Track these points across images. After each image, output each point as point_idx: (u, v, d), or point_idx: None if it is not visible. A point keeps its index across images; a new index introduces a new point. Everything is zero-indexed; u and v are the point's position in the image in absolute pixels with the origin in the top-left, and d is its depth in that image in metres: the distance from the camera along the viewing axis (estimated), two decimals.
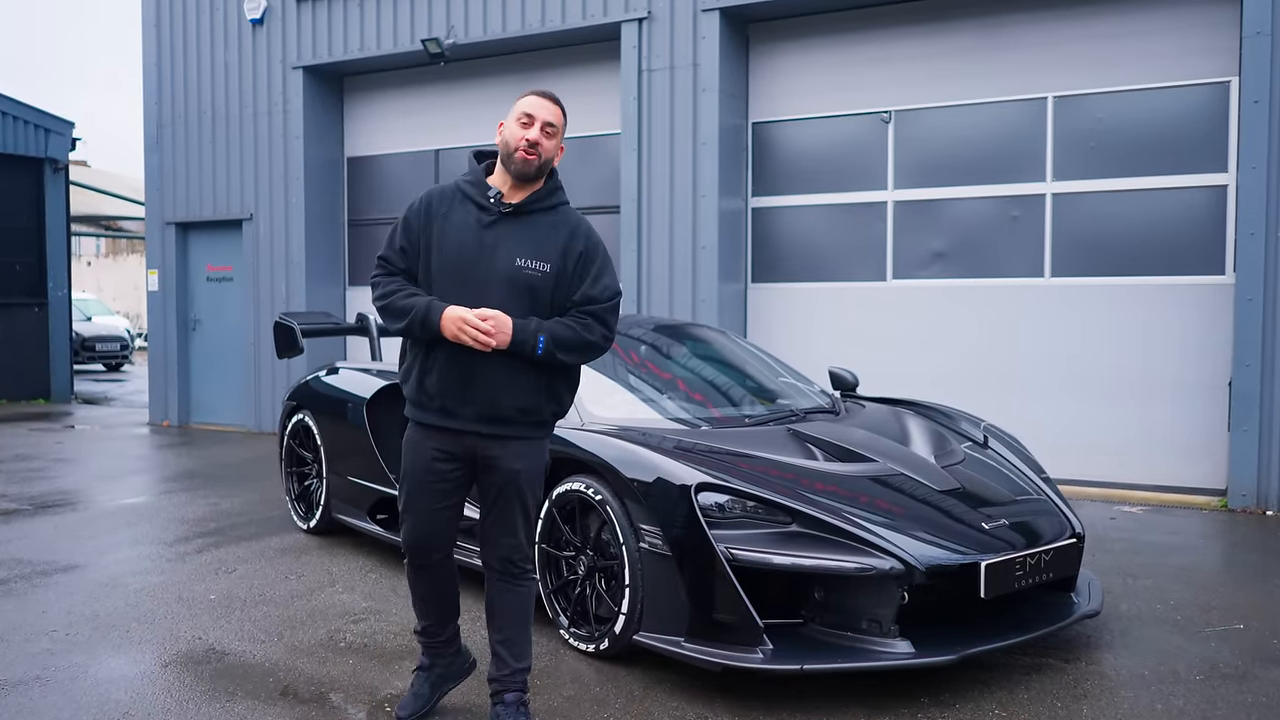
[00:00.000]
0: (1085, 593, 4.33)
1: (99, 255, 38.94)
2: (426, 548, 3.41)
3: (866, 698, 3.69)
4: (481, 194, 3.32)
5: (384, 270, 3.38)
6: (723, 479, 3.90)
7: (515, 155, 3.27)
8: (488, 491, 3.37)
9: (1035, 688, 3.79)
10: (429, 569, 3.45)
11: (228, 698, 3.78)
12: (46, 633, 4.54)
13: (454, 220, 3.31)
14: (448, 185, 3.42)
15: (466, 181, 3.38)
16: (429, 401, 3.31)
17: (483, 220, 3.30)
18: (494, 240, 3.29)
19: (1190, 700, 3.68)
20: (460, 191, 3.36)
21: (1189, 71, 7.59)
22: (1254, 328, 7.05)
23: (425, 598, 3.50)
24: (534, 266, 3.27)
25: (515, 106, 3.34)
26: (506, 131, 3.31)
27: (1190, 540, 6.22)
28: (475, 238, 3.29)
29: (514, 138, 3.28)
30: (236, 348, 11.71)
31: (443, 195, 3.38)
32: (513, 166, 3.28)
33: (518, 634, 3.40)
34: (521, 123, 3.29)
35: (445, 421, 3.30)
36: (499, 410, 3.28)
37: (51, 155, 14.91)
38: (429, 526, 3.39)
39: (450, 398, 3.28)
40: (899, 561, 3.64)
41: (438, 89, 10.78)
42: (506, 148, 3.30)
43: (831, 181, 8.91)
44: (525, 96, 3.35)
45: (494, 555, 3.40)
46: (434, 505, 3.36)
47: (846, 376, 5.76)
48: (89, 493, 7.91)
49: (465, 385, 3.26)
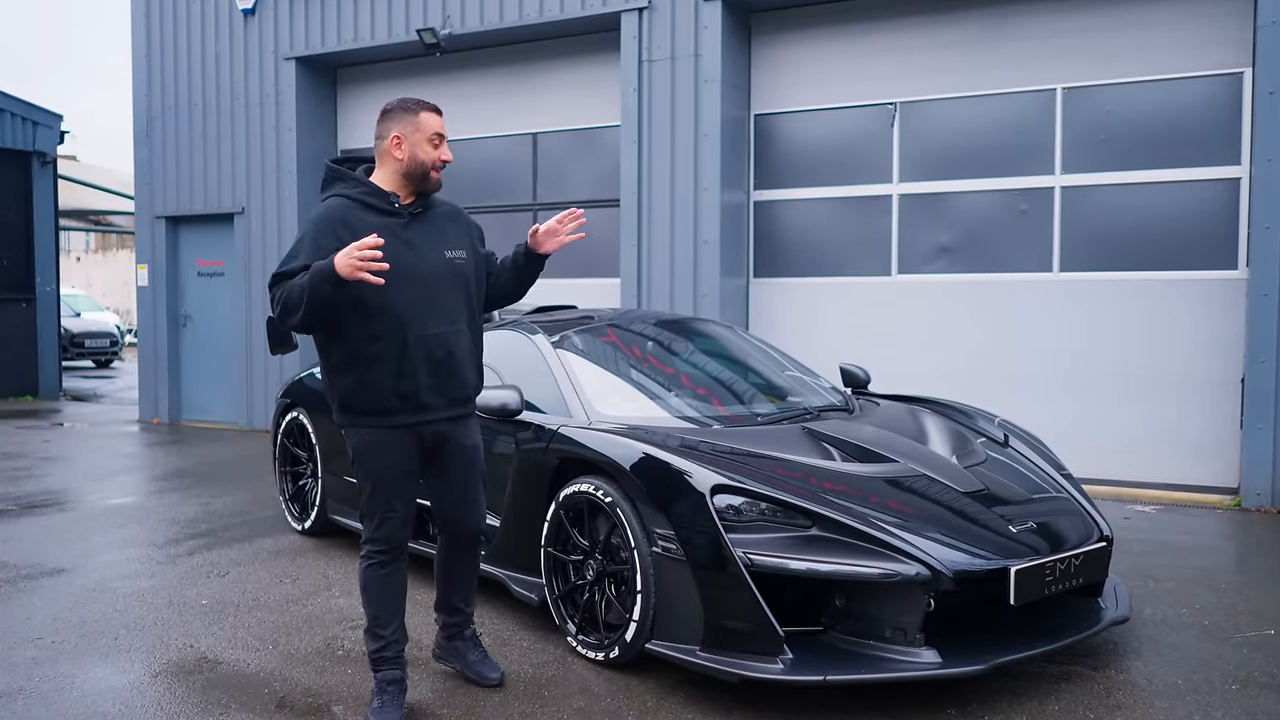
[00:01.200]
0: (1112, 597, 4.18)
1: (88, 250, 38.62)
2: (403, 542, 3.58)
3: (890, 708, 3.53)
4: (385, 201, 3.45)
5: (282, 282, 3.37)
6: (739, 480, 3.74)
7: (431, 174, 3.47)
8: (450, 471, 3.58)
9: (1066, 698, 3.64)
10: (400, 562, 3.59)
11: (221, 710, 3.61)
12: (31, 640, 4.36)
13: (370, 230, 3.33)
14: (336, 202, 3.45)
15: (361, 193, 3.45)
16: (402, 404, 3.41)
17: (397, 224, 3.43)
18: (416, 239, 3.46)
19: (1229, 712, 3.52)
20: (359, 203, 3.43)
21: (1201, 62, 7.43)
22: (1269, 323, 6.90)
23: (390, 593, 3.57)
24: (457, 255, 3.54)
25: (419, 124, 3.45)
26: (417, 150, 3.44)
27: (1208, 540, 6.08)
28: (400, 240, 3.40)
29: (429, 158, 3.46)
30: (228, 344, 11.50)
31: (343, 210, 3.42)
32: (425, 184, 3.47)
33: (470, 587, 3.81)
34: (434, 143, 3.47)
35: (421, 416, 3.44)
36: (466, 392, 3.55)
37: (39, 149, 14.67)
38: (409, 516, 3.56)
39: (426, 392, 3.42)
40: (925, 567, 3.48)
41: (433, 80, 10.57)
42: (419, 165, 3.45)
43: (835, 174, 8.74)
44: (426, 113, 3.48)
45: (463, 530, 3.64)
46: (411, 497, 3.55)
47: (858, 373, 5.60)
48: (77, 493, 7.72)
49: (443, 376, 3.44)
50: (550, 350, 4.87)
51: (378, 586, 3.54)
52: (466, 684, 3.82)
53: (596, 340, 5.21)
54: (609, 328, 5.35)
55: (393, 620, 3.56)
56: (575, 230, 3.63)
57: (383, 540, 3.52)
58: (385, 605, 3.55)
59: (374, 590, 3.55)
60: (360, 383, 3.38)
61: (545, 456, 4.32)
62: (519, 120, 10.13)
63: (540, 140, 10.08)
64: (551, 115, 9.98)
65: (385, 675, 3.54)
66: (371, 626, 3.56)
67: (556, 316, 5.46)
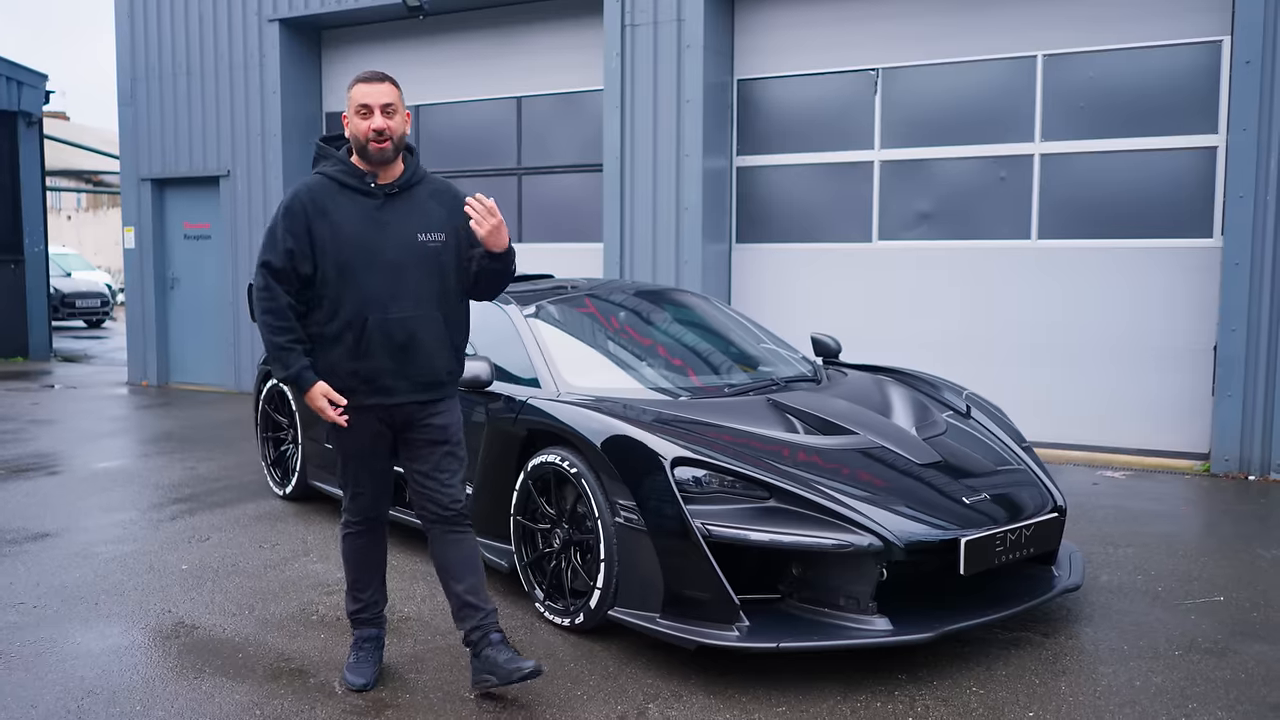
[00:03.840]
0: (1066, 565, 4.29)
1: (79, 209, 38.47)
2: (379, 511, 3.65)
3: (843, 673, 3.65)
4: (361, 181, 3.42)
5: (269, 277, 3.38)
6: (700, 453, 3.83)
7: (369, 147, 3.38)
8: (422, 450, 3.53)
9: (1014, 663, 3.76)
10: (378, 529, 3.66)
11: (195, 674, 3.72)
12: (14, 605, 4.46)
13: (343, 211, 3.39)
14: (314, 180, 3.45)
15: (339, 171, 3.43)
16: (363, 386, 3.42)
17: (371, 205, 3.41)
18: (389, 221, 3.42)
19: (1170, 677, 3.65)
20: (335, 182, 3.42)
21: (1181, 30, 7.44)
22: (1240, 292, 6.98)
23: (369, 562, 3.66)
24: (432, 238, 3.46)
25: (351, 97, 3.42)
26: (352, 125, 3.41)
27: (1173, 507, 6.20)
28: (372, 222, 3.40)
29: (360, 131, 3.39)
30: (215, 307, 11.55)
31: (319, 189, 3.41)
32: (371, 156, 3.39)
33: (478, 579, 3.57)
34: (361, 114, 3.39)
35: (382, 399, 3.44)
36: (435, 376, 3.50)
37: (25, 109, 14.62)
38: (381, 491, 3.63)
39: (388, 376, 3.42)
40: (877, 538, 3.58)
41: (418, 44, 10.54)
42: (357, 140, 3.40)
43: (818, 140, 8.76)
44: (355, 86, 3.44)
45: (438, 507, 3.54)
46: (383, 471, 3.59)
47: (829, 343, 5.67)
48: (64, 456, 7.81)
49: (404, 360, 3.42)
50: (522, 321, 4.94)
51: (356, 555, 3.66)
52: (437, 649, 3.93)
53: (571, 311, 5.28)
54: (587, 298, 5.41)
55: (370, 584, 3.67)
56: (485, 213, 3.34)
57: (358, 513, 3.61)
58: (364, 571, 3.67)
59: (353, 559, 3.67)
60: (325, 361, 3.41)
61: (514, 427, 4.41)
62: (503, 84, 10.11)
63: (524, 104, 10.07)
64: (535, 79, 9.96)
65: (363, 633, 3.68)
66: (351, 589, 3.68)
67: (532, 287, 5.52)
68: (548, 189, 9.97)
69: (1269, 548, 5.24)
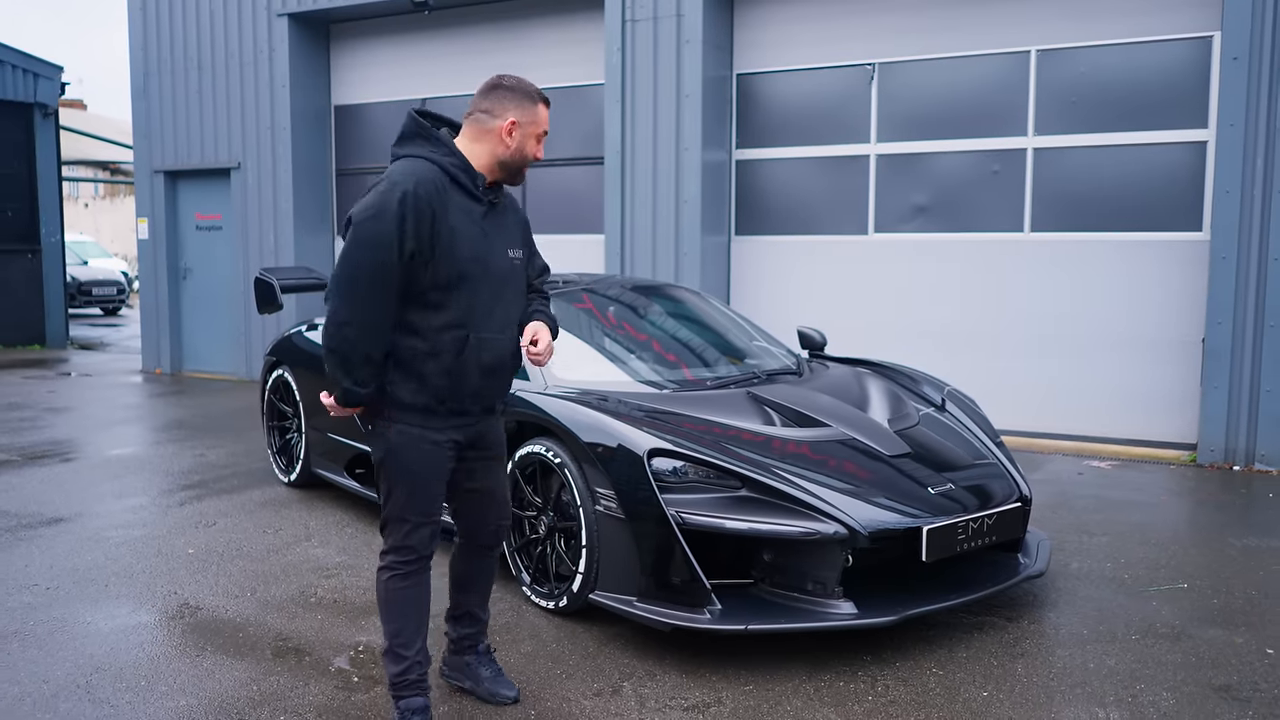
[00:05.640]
0: (1033, 553, 4.45)
1: (97, 197, 38.85)
2: (431, 553, 3.25)
3: (811, 654, 3.83)
4: (473, 183, 3.11)
5: (379, 280, 2.97)
6: (676, 444, 4.00)
7: (523, 170, 3.19)
8: (480, 470, 3.33)
9: (975, 646, 3.93)
10: (424, 573, 3.24)
11: (197, 653, 3.93)
12: (29, 586, 4.69)
13: (458, 212, 3.06)
14: (430, 171, 3.05)
15: (455, 166, 3.09)
16: (440, 406, 3.12)
17: (477, 211, 3.12)
18: (489, 231, 3.15)
19: (1122, 659, 3.81)
20: (449, 177, 3.07)
21: (1173, 25, 7.54)
22: (1227, 286, 7.10)
23: (418, 607, 3.24)
24: (517, 256, 3.27)
25: (536, 117, 3.16)
26: (526, 143, 3.15)
27: (1154, 496, 6.34)
28: (480, 231, 3.12)
29: (531, 152, 3.17)
30: (227, 296, 11.79)
31: (436, 184, 3.03)
32: (515, 179, 3.18)
33: (488, 591, 3.54)
34: (539, 139, 3.18)
35: (459, 420, 3.19)
36: (505, 399, 3.40)
37: (41, 100, 14.86)
38: (438, 528, 3.25)
39: (470, 399, 3.17)
40: (843, 526, 3.75)
41: (423, 37, 10.71)
42: (522, 159, 3.16)
43: (815, 134, 8.90)
44: (544, 108, 3.19)
45: (489, 530, 3.42)
46: (442, 500, 3.27)
47: (814, 336, 5.83)
48: (79, 443, 8.05)
49: (490, 381, 3.19)
50: None
51: (400, 600, 3.18)
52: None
53: (566, 306, 5.44)
54: (584, 294, 5.59)
55: (416, 638, 3.21)
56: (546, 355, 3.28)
57: (411, 550, 3.17)
58: (409, 621, 3.19)
59: (397, 604, 3.19)
60: (411, 377, 3.08)
61: (504, 418, 4.58)
62: None
63: None
64: (537, 73, 10.02)
65: (411, 704, 3.19)
66: (393, 646, 3.20)
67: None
68: (550, 181, 10.14)
69: (1240, 536, 5.38)
